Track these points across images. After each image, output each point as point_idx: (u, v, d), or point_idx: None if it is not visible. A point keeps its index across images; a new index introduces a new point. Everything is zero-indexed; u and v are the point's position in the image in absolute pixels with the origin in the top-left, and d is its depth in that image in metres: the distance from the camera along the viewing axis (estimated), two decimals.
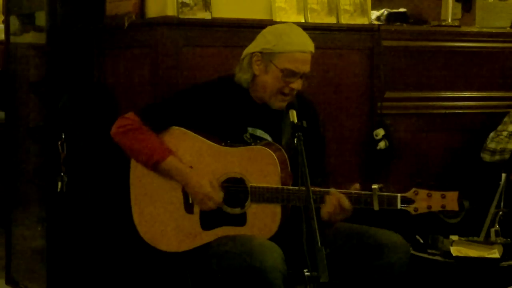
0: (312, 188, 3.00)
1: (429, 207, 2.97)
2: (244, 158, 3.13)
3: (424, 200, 2.97)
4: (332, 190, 3.05)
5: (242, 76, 3.26)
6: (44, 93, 4.27)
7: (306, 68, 3.19)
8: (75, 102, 4.10)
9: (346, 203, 3.02)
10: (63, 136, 4.08)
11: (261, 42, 3.23)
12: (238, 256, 2.97)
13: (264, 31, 3.27)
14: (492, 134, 4.22)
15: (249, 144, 3.18)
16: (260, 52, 3.20)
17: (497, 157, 4.17)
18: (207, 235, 3.17)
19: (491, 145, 4.18)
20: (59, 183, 4.07)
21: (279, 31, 3.23)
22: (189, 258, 3.25)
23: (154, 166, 3.20)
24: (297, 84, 3.18)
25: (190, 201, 3.20)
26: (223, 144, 3.18)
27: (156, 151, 3.19)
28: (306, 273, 2.63)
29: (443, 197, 2.96)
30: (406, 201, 2.98)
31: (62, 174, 4.07)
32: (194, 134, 3.20)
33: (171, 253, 3.26)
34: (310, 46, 3.21)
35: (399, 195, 2.98)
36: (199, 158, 3.18)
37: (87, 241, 4.16)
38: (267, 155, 3.09)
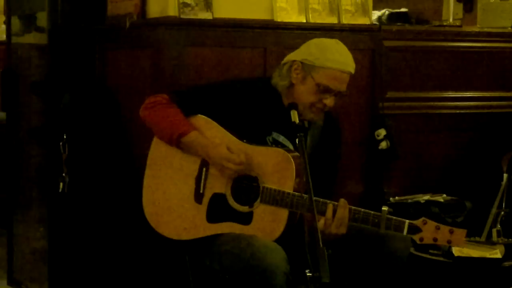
0: (322, 200, 3.02)
1: (435, 239, 2.96)
2: (263, 157, 3.12)
3: (432, 231, 2.97)
4: (342, 201, 3.04)
5: (279, 82, 3.26)
6: (46, 93, 4.27)
7: (342, 87, 3.20)
8: (76, 102, 4.10)
9: (347, 217, 3.02)
10: (65, 137, 4.09)
11: (304, 52, 3.24)
12: (241, 256, 2.97)
13: (310, 41, 3.28)
14: None
15: (270, 146, 3.19)
16: (301, 62, 3.21)
17: None
18: (210, 228, 3.17)
19: None
20: (61, 184, 4.07)
21: (324, 45, 3.23)
22: (188, 248, 3.24)
23: (178, 138, 3.18)
24: (330, 101, 3.19)
25: (201, 191, 3.20)
26: (244, 140, 3.18)
27: (181, 125, 3.18)
28: (308, 274, 2.63)
29: (451, 232, 2.96)
30: (414, 228, 2.98)
31: (63, 174, 4.07)
32: (218, 125, 3.21)
33: (171, 241, 3.25)
34: (351, 67, 3.22)
35: (407, 221, 2.98)
36: None
37: (89, 241, 4.16)
38: (286, 159, 3.09)
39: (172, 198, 3.25)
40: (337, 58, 3.18)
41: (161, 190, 3.27)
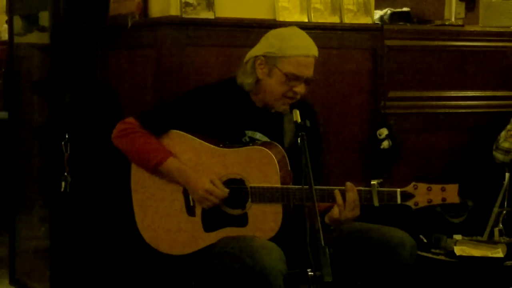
0: (320, 187, 3.01)
1: (429, 200, 2.96)
2: (242, 158, 3.13)
3: (424, 194, 2.95)
4: (348, 184, 3.03)
5: (245, 80, 3.25)
6: (48, 93, 4.27)
7: (309, 72, 3.18)
8: (78, 102, 4.11)
9: (357, 198, 3.01)
10: (67, 136, 4.09)
11: (264, 45, 3.23)
12: (239, 256, 2.97)
13: (268, 34, 3.26)
14: (503, 133, 4.20)
15: (247, 145, 3.19)
16: (264, 56, 3.20)
17: (511, 157, 4.16)
18: (209, 237, 3.17)
19: (505, 144, 4.17)
20: (63, 183, 4.07)
21: (282, 34, 3.22)
22: (192, 259, 3.25)
23: (155, 168, 3.20)
24: (300, 88, 3.18)
25: (191, 204, 3.21)
26: (221, 145, 3.18)
27: (157, 153, 3.19)
28: (309, 273, 2.63)
29: (443, 190, 2.94)
30: (406, 195, 2.96)
31: (65, 174, 4.07)
32: (192, 136, 3.21)
33: (174, 255, 3.27)
34: (313, 50, 3.20)
35: (398, 190, 2.97)
36: (198, 160, 3.18)
37: (91, 241, 4.16)
38: (265, 155, 3.09)
39: (165, 216, 3.25)
40: (298, 44, 3.17)
41: (152, 211, 3.27)
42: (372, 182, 2.98)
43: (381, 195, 2.98)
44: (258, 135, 3.24)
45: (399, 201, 2.97)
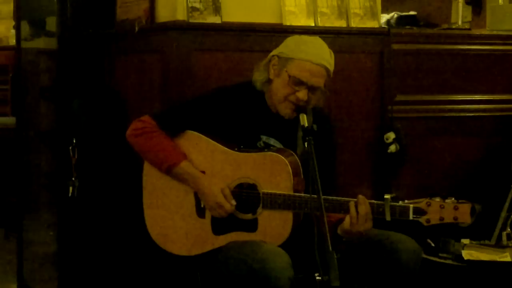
0: (333, 197, 3.01)
1: (441, 218, 2.95)
2: (256, 163, 3.13)
3: (437, 212, 2.95)
4: (360, 197, 3.03)
5: (258, 78, 3.25)
6: (55, 98, 4.28)
7: (315, 81, 3.15)
8: (86, 107, 4.11)
9: (369, 211, 3.01)
10: (74, 141, 4.09)
11: (282, 46, 3.23)
12: (246, 261, 2.97)
13: (288, 37, 3.27)
14: None
15: (262, 150, 3.19)
16: (278, 56, 3.20)
17: None
18: (218, 240, 3.18)
19: None
20: (70, 188, 4.08)
21: (301, 39, 3.23)
22: (199, 262, 3.25)
23: (168, 170, 3.21)
24: (302, 94, 3.14)
25: (202, 206, 3.21)
26: (236, 149, 3.18)
27: (170, 155, 3.20)
28: (317, 278, 2.63)
29: (456, 208, 2.95)
30: (418, 212, 2.96)
31: (73, 178, 4.08)
32: (208, 138, 3.21)
33: (181, 256, 3.27)
34: (324, 60, 3.17)
35: (411, 205, 2.96)
36: (212, 162, 3.19)
37: (98, 245, 4.16)
38: (280, 161, 3.09)
39: (175, 216, 3.25)
40: (310, 50, 3.16)
41: (162, 210, 3.28)
42: (385, 197, 2.98)
43: (393, 210, 2.97)
44: (273, 141, 3.24)
45: (411, 217, 2.97)
